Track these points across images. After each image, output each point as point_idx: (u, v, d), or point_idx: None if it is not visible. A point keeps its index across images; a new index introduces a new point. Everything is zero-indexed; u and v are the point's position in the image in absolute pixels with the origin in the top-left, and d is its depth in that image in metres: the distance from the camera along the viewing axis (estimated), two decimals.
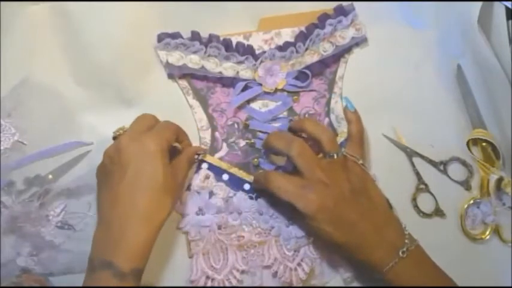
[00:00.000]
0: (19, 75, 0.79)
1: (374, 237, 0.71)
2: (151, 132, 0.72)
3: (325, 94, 0.83)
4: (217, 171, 0.80)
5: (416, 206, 0.80)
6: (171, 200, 0.70)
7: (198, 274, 0.77)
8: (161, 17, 0.81)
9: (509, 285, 0.77)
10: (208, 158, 0.80)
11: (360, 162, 0.75)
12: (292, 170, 0.78)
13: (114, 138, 0.74)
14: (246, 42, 0.82)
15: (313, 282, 0.78)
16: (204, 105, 0.82)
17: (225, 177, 0.80)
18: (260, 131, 0.82)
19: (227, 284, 0.77)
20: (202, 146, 0.81)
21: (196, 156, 0.79)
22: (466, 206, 0.80)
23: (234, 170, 0.80)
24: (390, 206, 0.77)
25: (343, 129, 0.81)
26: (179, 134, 0.77)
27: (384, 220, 0.73)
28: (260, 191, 0.78)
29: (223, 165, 0.80)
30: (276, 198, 0.73)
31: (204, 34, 0.81)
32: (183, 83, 0.82)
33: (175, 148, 0.76)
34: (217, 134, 0.81)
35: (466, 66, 0.82)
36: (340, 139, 0.81)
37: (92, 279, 0.66)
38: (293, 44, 0.81)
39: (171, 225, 0.78)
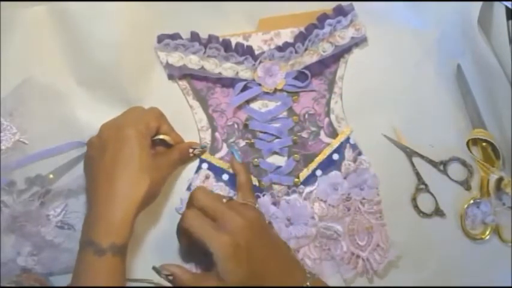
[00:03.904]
0: (19, 75, 0.80)
1: (283, 274, 0.71)
2: (130, 117, 0.75)
3: (325, 94, 0.83)
4: (217, 171, 0.80)
5: (416, 206, 0.80)
6: (148, 179, 0.71)
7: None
8: (161, 18, 0.81)
9: (509, 285, 0.77)
10: (209, 157, 0.81)
11: (257, 206, 0.75)
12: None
13: None
14: (245, 43, 0.82)
15: None
16: (204, 105, 0.82)
17: (225, 177, 0.80)
18: (260, 131, 0.82)
19: None
20: (196, 142, 0.81)
21: (191, 150, 0.79)
22: (466, 206, 0.79)
23: None
24: (286, 244, 0.77)
25: (343, 129, 0.81)
26: (162, 121, 0.78)
27: (288, 257, 0.74)
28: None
29: (223, 164, 0.80)
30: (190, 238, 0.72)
31: (204, 35, 0.81)
32: (183, 83, 0.82)
33: (164, 141, 0.77)
34: (217, 134, 0.82)
35: (466, 66, 0.82)
36: (340, 139, 0.81)
37: (78, 259, 0.68)
38: (292, 45, 0.81)
39: (171, 224, 0.78)
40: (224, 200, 0.73)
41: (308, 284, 0.71)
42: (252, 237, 0.69)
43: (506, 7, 0.78)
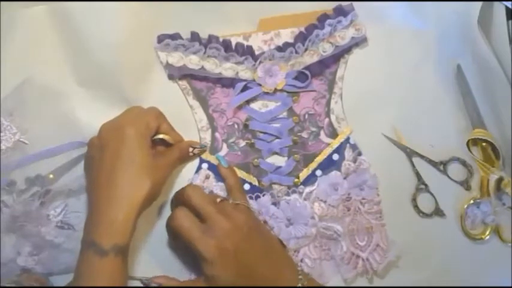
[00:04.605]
0: (19, 75, 0.80)
1: (273, 277, 0.71)
2: (130, 117, 0.75)
3: (325, 94, 0.83)
4: (217, 171, 0.80)
5: (416, 206, 0.80)
6: (149, 179, 0.71)
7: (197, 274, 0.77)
8: (161, 18, 0.81)
9: (509, 285, 0.77)
10: (209, 157, 0.81)
11: (249, 206, 0.76)
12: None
13: None
14: (245, 43, 0.82)
15: None
16: (204, 105, 0.82)
17: None
18: (260, 132, 0.82)
19: None
20: (196, 141, 0.81)
21: (191, 150, 0.79)
22: (466, 206, 0.79)
23: None
24: (283, 245, 0.77)
25: (343, 129, 0.82)
26: (161, 121, 0.78)
27: (280, 259, 0.74)
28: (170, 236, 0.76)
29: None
30: (178, 237, 0.72)
31: (204, 35, 0.81)
32: (183, 83, 0.82)
33: (164, 141, 0.77)
34: (217, 134, 0.82)
35: (466, 66, 0.82)
36: (340, 139, 0.81)
37: (80, 260, 0.68)
38: (292, 45, 0.81)
39: None
40: (218, 200, 0.73)
41: (300, 285, 0.71)
42: (240, 241, 0.70)
43: (506, 7, 0.78)
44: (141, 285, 0.76)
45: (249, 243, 0.71)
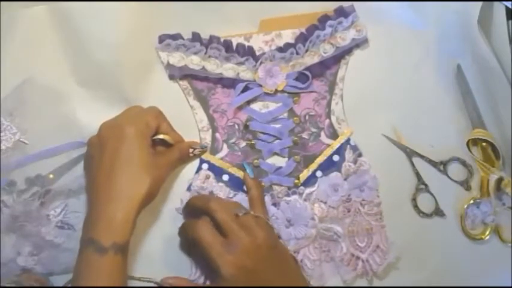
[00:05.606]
0: (19, 75, 0.80)
1: None
2: (129, 116, 0.75)
3: (326, 95, 0.83)
4: (217, 171, 0.80)
5: (416, 206, 0.80)
6: (149, 178, 0.71)
7: (197, 274, 0.77)
8: (162, 18, 0.81)
9: (509, 285, 0.77)
10: (209, 158, 0.81)
11: (269, 221, 0.75)
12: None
13: None
14: (246, 44, 0.82)
15: (313, 283, 0.78)
16: (205, 106, 0.82)
17: (225, 177, 0.80)
18: (260, 132, 0.82)
19: None
20: (197, 141, 0.81)
21: (191, 150, 0.79)
22: (466, 206, 0.79)
23: (234, 170, 0.80)
24: (296, 261, 0.77)
25: (343, 130, 0.82)
26: (161, 120, 0.78)
27: (294, 279, 0.74)
28: (184, 239, 0.77)
29: (224, 165, 0.80)
30: (197, 248, 0.72)
31: (205, 35, 0.81)
32: (184, 83, 0.82)
33: (164, 141, 0.77)
34: (217, 134, 0.82)
35: (466, 66, 0.82)
36: (341, 140, 0.81)
37: (79, 258, 0.68)
38: (293, 45, 0.81)
39: (171, 224, 0.78)
40: (240, 214, 0.72)
41: None
42: (259, 259, 0.70)
43: (506, 7, 0.78)
44: (141, 285, 0.76)
45: (267, 262, 0.71)
